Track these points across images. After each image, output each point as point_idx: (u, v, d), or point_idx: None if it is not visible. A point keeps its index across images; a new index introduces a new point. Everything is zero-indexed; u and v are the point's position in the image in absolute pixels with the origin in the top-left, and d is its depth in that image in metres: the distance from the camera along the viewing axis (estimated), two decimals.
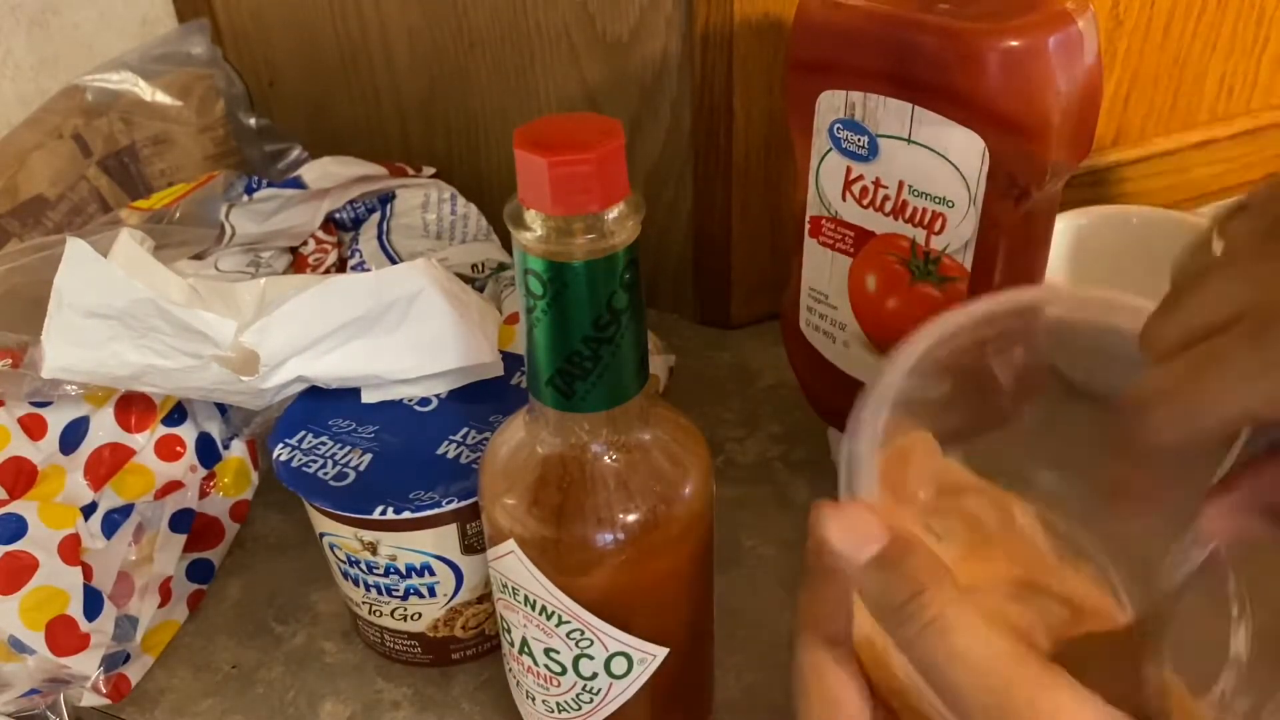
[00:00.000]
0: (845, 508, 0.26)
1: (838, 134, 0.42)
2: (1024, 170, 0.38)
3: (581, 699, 0.35)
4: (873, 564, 0.25)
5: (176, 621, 0.47)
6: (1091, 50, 0.38)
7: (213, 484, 0.49)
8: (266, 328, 0.41)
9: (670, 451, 0.33)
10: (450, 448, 0.41)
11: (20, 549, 0.40)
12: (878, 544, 0.25)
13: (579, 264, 0.27)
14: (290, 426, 0.42)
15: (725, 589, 0.47)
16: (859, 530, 0.26)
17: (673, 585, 0.34)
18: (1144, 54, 0.62)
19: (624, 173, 0.27)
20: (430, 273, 0.42)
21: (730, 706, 0.43)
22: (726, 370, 0.62)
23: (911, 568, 0.25)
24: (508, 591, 0.34)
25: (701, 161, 0.59)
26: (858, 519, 0.26)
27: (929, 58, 0.38)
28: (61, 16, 0.69)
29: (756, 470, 0.54)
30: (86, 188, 0.63)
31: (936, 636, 0.24)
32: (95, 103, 0.63)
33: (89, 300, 0.39)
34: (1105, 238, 0.56)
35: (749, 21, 0.54)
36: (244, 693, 0.45)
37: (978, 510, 0.37)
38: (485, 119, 0.65)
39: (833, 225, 0.45)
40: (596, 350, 0.29)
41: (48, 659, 0.40)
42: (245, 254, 0.57)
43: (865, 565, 0.25)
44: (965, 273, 0.41)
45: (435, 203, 0.62)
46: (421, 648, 0.44)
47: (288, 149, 0.71)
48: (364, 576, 0.42)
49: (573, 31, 0.57)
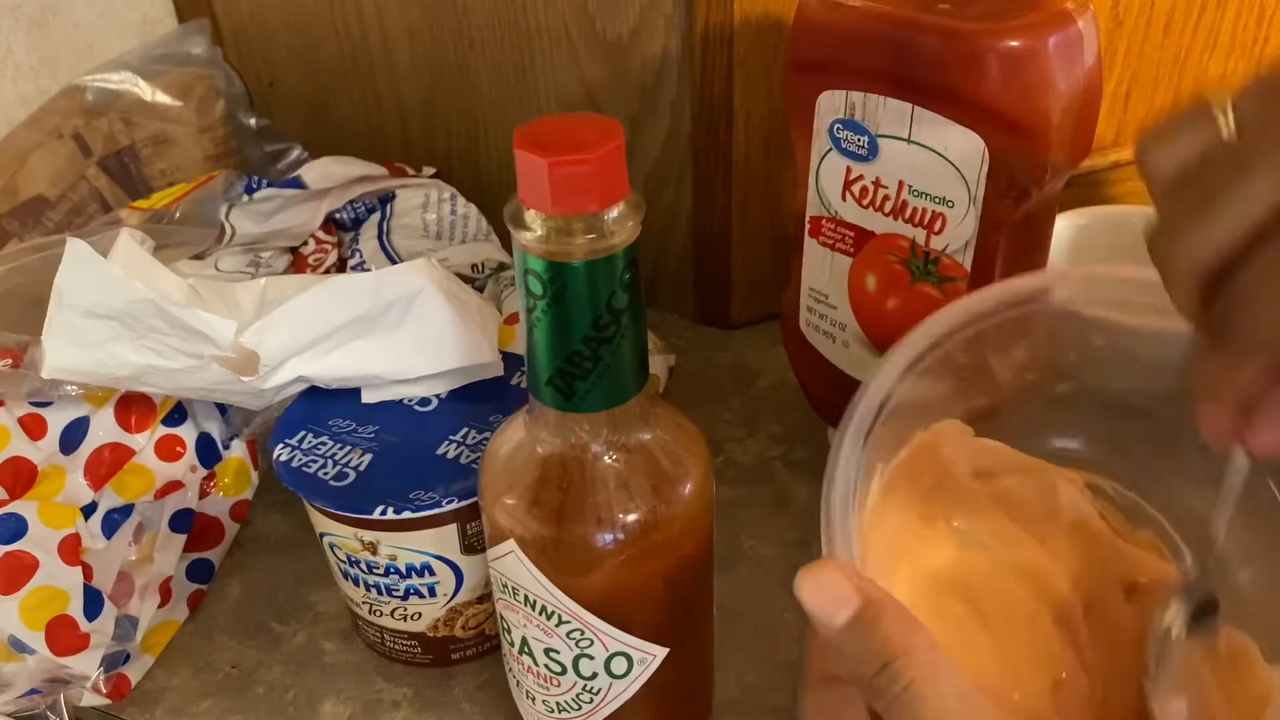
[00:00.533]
0: (818, 570, 0.26)
1: (838, 134, 0.42)
2: (1024, 170, 0.38)
3: (581, 699, 0.35)
4: (845, 630, 0.25)
5: (176, 621, 0.47)
6: (1091, 50, 0.38)
7: (213, 484, 0.49)
8: (266, 328, 0.41)
9: (670, 451, 0.33)
10: (450, 448, 0.41)
11: (20, 549, 0.40)
12: (850, 608, 0.25)
13: (579, 264, 0.27)
14: (290, 426, 0.42)
15: (725, 589, 0.47)
16: (831, 594, 0.25)
17: (673, 585, 0.34)
18: (1144, 54, 0.62)
19: (624, 173, 0.27)
20: (430, 273, 0.42)
21: (730, 706, 0.43)
22: (726, 370, 0.61)
23: (882, 635, 0.24)
24: (508, 591, 0.34)
25: (701, 161, 0.59)
26: (829, 582, 0.25)
27: (929, 58, 0.38)
28: (61, 16, 0.69)
29: (756, 470, 0.54)
30: (86, 188, 0.63)
31: (907, 707, 0.24)
32: (95, 103, 0.63)
33: (89, 300, 0.39)
34: (1105, 238, 0.56)
35: (749, 21, 0.54)
36: (244, 693, 0.45)
37: (1019, 492, 0.36)
38: (485, 119, 0.65)
39: (833, 225, 0.45)
40: (596, 350, 0.29)
41: (48, 659, 0.40)
42: (245, 254, 0.57)
43: (838, 631, 0.25)
44: (965, 273, 0.41)
45: (435, 203, 0.62)
46: (421, 648, 0.44)
47: (288, 149, 0.71)
48: (364, 576, 0.42)
49: (573, 31, 0.57)
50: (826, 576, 0.25)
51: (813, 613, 0.25)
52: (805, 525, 0.51)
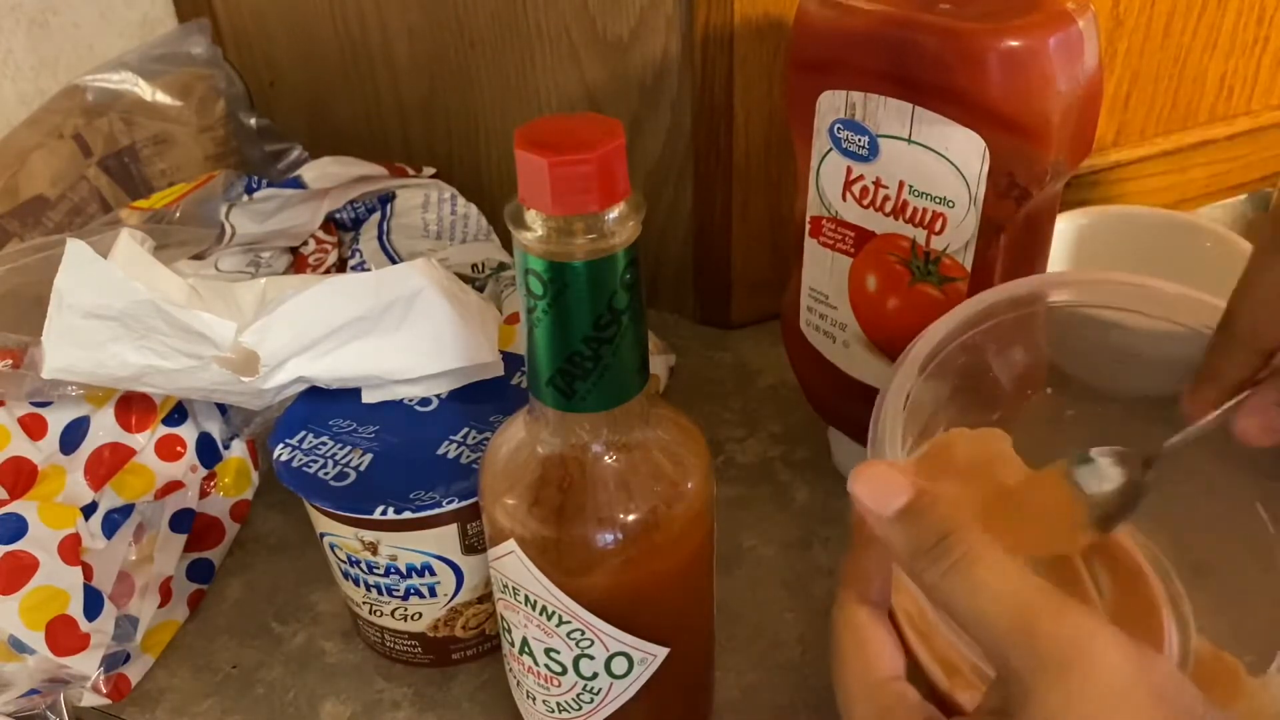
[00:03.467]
0: (872, 466, 0.27)
1: (838, 134, 0.42)
2: (1024, 170, 0.38)
3: (582, 699, 0.35)
4: (899, 515, 0.26)
5: (177, 621, 0.47)
6: (1092, 50, 0.38)
7: (213, 484, 0.49)
8: (266, 328, 0.41)
9: (670, 451, 0.33)
10: (450, 448, 0.41)
11: (20, 549, 0.40)
12: (904, 498, 0.26)
13: (579, 264, 0.27)
14: (290, 426, 0.42)
15: (725, 589, 0.47)
16: (885, 486, 0.27)
17: (673, 585, 0.34)
18: (1144, 54, 0.62)
19: (624, 173, 0.27)
20: (430, 273, 0.42)
21: (730, 706, 0.43)
22: (726, 370, 0.62)
23: (937, 515, 0.26)
24: (508, 591, 0.34)
25: (701, 161, 0.59)
26: (883, 476, 0.27)
27: (929, 58, 0.38)
28: (61, 16, 0.69)
29: (756, 470, 0.54)
30: (86, 188, 0.63)
31: (962, 572, 0.25)
32: (95, 103, 0.63)
33: (89, 301, 0.39)
34: (1105, 238, 0.56)
35: (749, 21, 0.54)
36: (244, 693, 0.45)
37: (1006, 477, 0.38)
38: (485, 119, 0.65)
39: (833, 225, 0.45)
40: (597, 350, 0.29)
41: (48, 659, 0.40)
42: (245, 254, 0.57)
43: (892, 518, 0.26)
44: (965, 273, 0.41)
45: (435, 203, 0.62)
46: (422, 648, 0.44)
47: (288, 149, 0.71)
48: (364, 576, 0.42)
49: (573, 31, 0.57)
50: (879, 471, 0.27)
51: (866, 504, 0.27)
52: (805, 525, 0.51)
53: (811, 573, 0.48)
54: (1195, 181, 0.68)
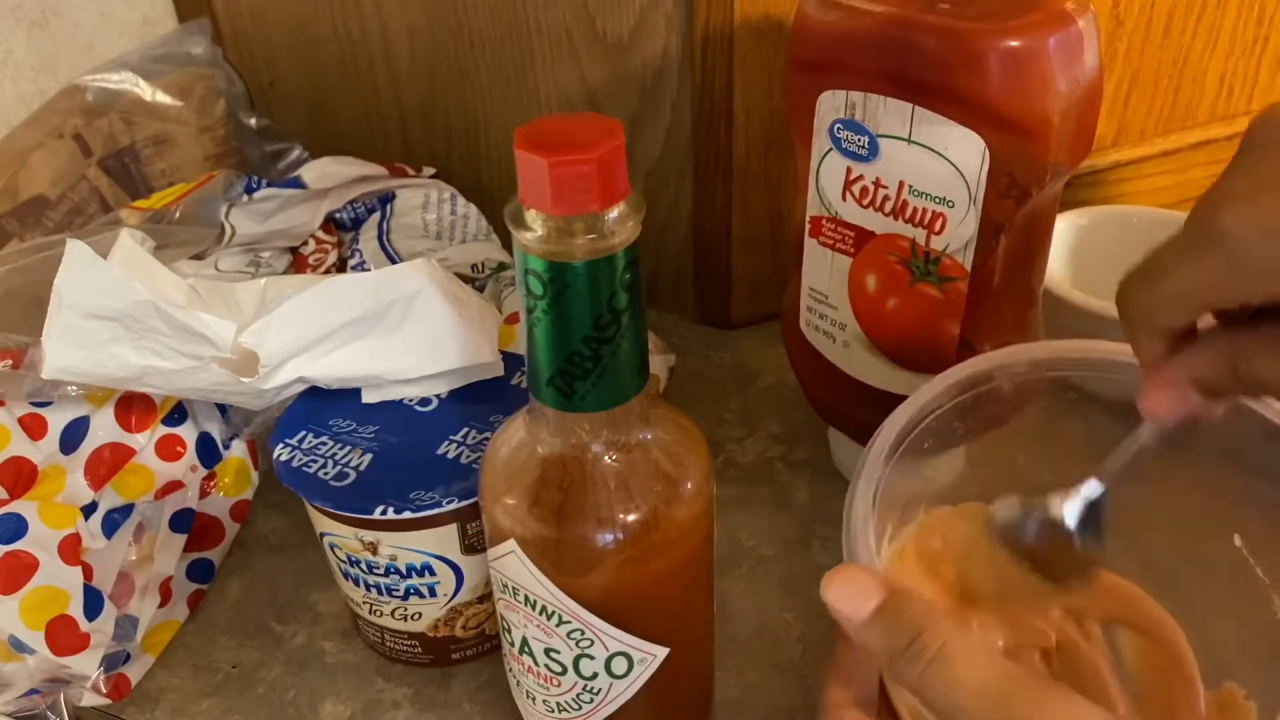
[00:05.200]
0: (843, 571, 0.28)
1: (838, 134, 0.42)
2: (1024, 170, 0.38)
3: (582, 699, 0.35)
4: (872, 619, 0.27)
5: (177, 621, 0.47)
6: (1092, 50, 0.38)
7: (213, 484, 0.49)
8: (266, 328, 0.41)
9: (670, 451, 0.33)
10: (450, 448, 0.41)
11: (20, 549, 0.40)
12: (875, 600, 0.27)
13: (579, 264, 0.27)
14: (290, 426, 0.42)
15: (725, 589, 0.47)
16: (857, 590, 0.27)
17: (673, 585, 0.34)
18: (1144, 54, 0.62)
19: (624, 173, 0.27)
20: (430, 273, 0.42)
21: (730, 706, 0.43)
22: (726, 370, 0.62)
23: (909, 615, 0.26)
24: (508, 591, 0.34)
25: (701, 161, 0.59)
26: (854, 580, 0.28)
27: (929, 58, 0.38)
28: (61, 16, 0.69)
29: (756, 470, 0.54)
30: (86, 188, 0.63)
31: (938, 668, 0.25)
32: (95, 103, 0.63)
33: (89, 302, 0.39)
34: (1105, 238, 0.56)
35: (749, 21, 0.54)
36: (244, 693, 0.45)
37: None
38: (485, 119, 0.65)
39: (833, 225, 0.45)
40: (597, 350, 0.29)
41: (48, 659, 0.40)
42: (245, 254, 0.57)
43: (865, 622, 0.27)
44: (965, 273, 0.41)
45: (435, 203, 0.62)
46: (422, 648, 0.44)
47: (288, 149, 0.71)
48: (364, 576, 0.42)
49: (573, 31, 0.57)
50: (849, 575, 0.28)
51: (840, 608, 0.27)
52: (805, 525, 0.51)
53: (811, 573, 0.48)
54: (1195, 181, 0.68)
